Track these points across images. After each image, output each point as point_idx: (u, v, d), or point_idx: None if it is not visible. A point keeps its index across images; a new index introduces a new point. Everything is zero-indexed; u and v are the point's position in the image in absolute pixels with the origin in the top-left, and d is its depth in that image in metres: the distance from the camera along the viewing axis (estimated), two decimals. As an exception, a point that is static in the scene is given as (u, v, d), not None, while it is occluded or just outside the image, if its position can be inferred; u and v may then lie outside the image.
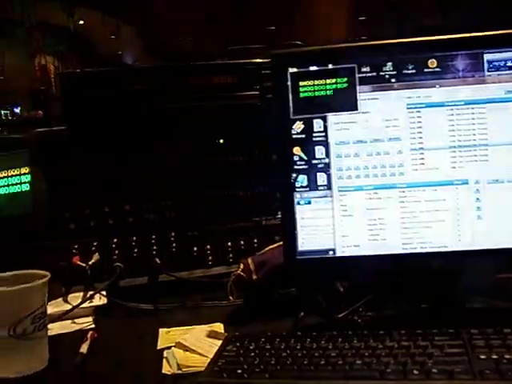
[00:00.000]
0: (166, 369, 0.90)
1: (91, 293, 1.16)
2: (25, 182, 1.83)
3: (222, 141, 1.33)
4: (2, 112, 14.54)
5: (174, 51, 17.00)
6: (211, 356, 0.86)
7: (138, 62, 16.37)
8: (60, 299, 1.18)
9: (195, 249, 1.31)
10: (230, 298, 1.10)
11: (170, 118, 1.31)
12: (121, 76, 1.33)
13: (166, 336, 1.03)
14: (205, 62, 1.36)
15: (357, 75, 0.98)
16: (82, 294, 1.19)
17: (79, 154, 1.29)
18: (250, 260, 1.10)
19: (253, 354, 0.83)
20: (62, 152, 1.28)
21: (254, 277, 1.07)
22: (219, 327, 1.04)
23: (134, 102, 1.30)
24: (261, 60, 1.34)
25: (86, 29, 11.34)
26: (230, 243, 1.32)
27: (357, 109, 0.98)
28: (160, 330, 1.06)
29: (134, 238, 1.28)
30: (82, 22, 10.47)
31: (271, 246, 1.14)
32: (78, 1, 9.35)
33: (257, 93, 1.32)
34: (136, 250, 1.28)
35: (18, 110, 15.34)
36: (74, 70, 1.34)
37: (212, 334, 0.98)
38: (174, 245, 1.30)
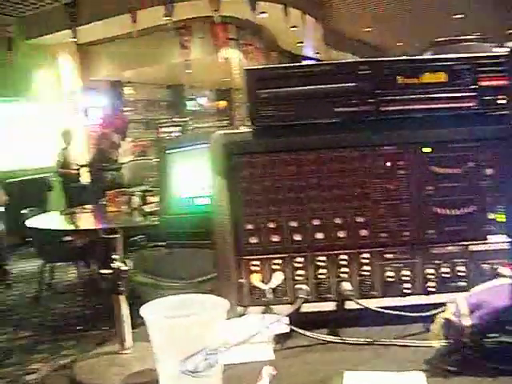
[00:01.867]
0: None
1: (270, 318, 1.04)
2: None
3: (427, 150, 1.13)
4: (188, 103, 15.34)
5: (353, 42, 16.85)
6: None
7: (319, 54, 16.42)
8: (235, 320, 1.07)
9: (390, 274, 1.13)
10: (434, 344, 0.91)
11: (369, 122, 1.15)
12: (312, 72, 1.18)
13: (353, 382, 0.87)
14: (408, 56, 1.17)
15: None
16: (259, 317, 1.07)
17: (265, 162, 1.16)
18: (462, 301, 0.90)
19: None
20: (246, 158, 1.16)
21: (467, 322, 0.88)
22: (418, 378, 0.86)
23: (328, 103, 1.15)
24: (477, 54, 1.13)
25: (268, 21, 11.48)
26: (430, 269, 1.13)
27: None
28: (346, 372, 0.90)
29: (322, 258, 1.13)
30: (264, 15, 10.60)
31: (489, 284, 0.93)
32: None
33: (473, 94, 1.11)
34: (323, 272, 1.13)
35: (202, 101, 16.10)
36: (259, 66, 1.19)
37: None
38: (366, 268, 1.13)
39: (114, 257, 0.93)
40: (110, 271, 0.93)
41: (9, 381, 4.15)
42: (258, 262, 1.14)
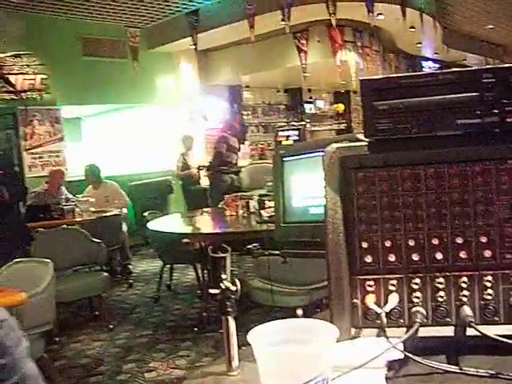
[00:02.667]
0: None
1: (384, 342, 0.99)
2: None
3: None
4: (306, 106, 15.34)
5: (474, 41, 16.17)
6: None
7: (438, 54, 15.91)
8: (347, 343, 1.03)
9: (515, 299, 1.04)
10: None
11: (494, 134, 1.07)
12: (432, 82, 1.11)
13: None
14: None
15: None
16: (372, 340, 1.02)
17: (382, 177, 1.11)
18: None
19: None
20: (361, 173, 1.12)
21: None
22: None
23: (450, 115, 1.08)
24: None
25: (385, 23, 11.25)
26: None
27: None
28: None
29: (441, 280, 1.07)
30: (381, 17, 10.39)
31: None
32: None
33: None
34: (442, 294, 1.06)
35: (320, 104, 16.06)
36: (375, 77, 1.14)
37: None
38: (489, 291, 1.05)
39: (222, 276, 0.91)
40: (218, 291, 0.92)
41: (129, 376, 4.32)
42: (372, 283, 1.09)
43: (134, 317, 5.92)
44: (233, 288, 0.93)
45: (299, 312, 3.78)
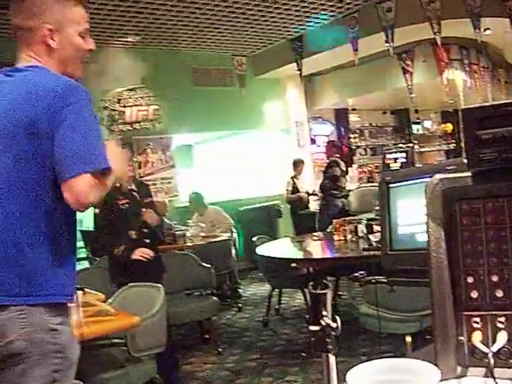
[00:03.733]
0: None
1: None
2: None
3: None
4: (414, 127, 15.03)
5: None
6: None
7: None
8: (452, 381, 0.99)
9: None
10: None
11: None
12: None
13: None
14: None
15: None
16: (480, 380, 0.98)
17: (488, 208, 1.07)
18: None
19: None
20: (466, 204, 1.09)
21: None
22: None
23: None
24: None
25: (493, 37, 10.82)
26: None
27: None
28: None
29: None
30: (488, 32, 10.00)
31: None
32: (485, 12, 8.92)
33: None
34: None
35: (428, 125, 15.66)
36: (478, 105, 1.10)
37: None
38: None
39: (323, 313, 0.91)
40: (319, 328, 0.91)
41: (238, 401, 4.36)
42: (478, 319, 1.05)
43: (243, 340, 5.98)
44: (333, 325, 0.92)
45: (408, 339, 3.67)
